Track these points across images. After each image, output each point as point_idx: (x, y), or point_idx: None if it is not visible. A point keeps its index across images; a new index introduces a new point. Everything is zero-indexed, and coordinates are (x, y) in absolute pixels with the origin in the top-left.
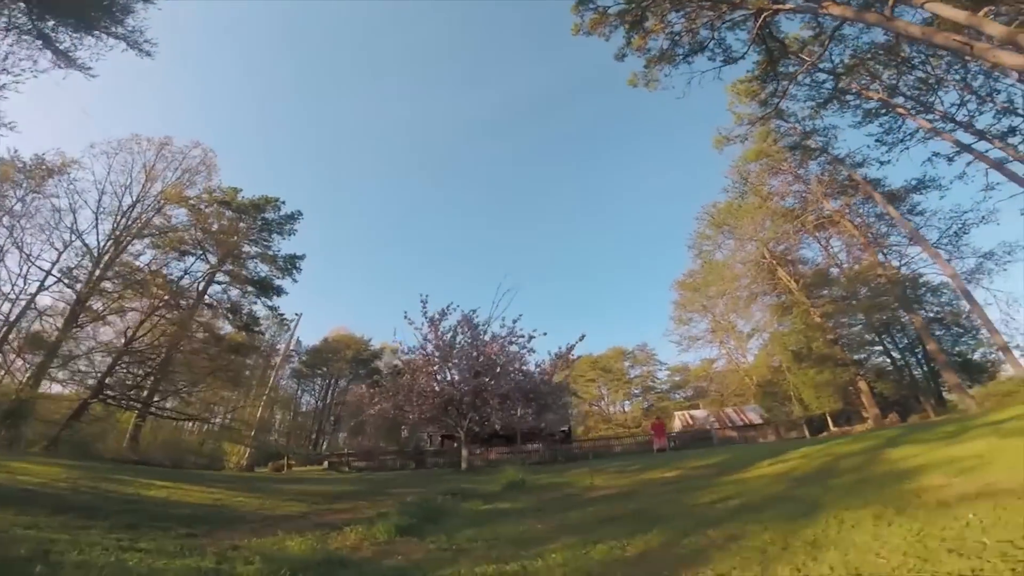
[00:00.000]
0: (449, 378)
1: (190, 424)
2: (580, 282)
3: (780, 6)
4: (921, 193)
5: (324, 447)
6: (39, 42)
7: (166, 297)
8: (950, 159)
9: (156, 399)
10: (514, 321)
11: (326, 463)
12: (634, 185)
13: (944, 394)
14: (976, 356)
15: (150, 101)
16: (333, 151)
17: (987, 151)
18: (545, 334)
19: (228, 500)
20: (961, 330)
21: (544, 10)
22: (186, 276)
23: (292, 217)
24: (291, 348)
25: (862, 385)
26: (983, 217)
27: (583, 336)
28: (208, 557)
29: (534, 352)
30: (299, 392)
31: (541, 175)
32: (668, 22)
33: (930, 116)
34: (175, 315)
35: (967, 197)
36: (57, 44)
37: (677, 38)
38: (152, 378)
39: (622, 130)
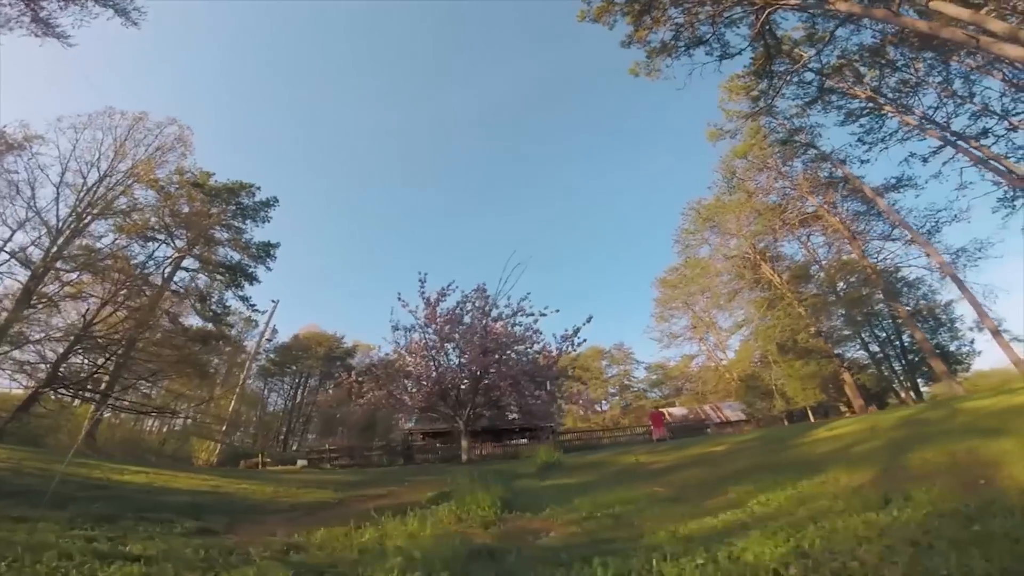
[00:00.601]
0: (446, 363)
1: (151, 423)
2: (560, 279)
3: (786, 2)
4: (899, 191)
5: (294, 447)
6: (21, 4)
7: (128, 282)
8: (925, 160)
9: (116, 391)
10: (521, 300)
11: (305, 461)
12: (622, 183)
13: (921, 386)
14: (952, 347)
15: (126, 81)
16: (320, 150)
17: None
18: (557, 311)
19: (229, 487)
20: (936, 322)
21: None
22: (150, 261)
23: (267, 203)
24: (267, 336)
25: (846, 377)
26: (955, 216)
27: (590, 318)
28: (272, 567)
29: (540, 333)
30: (266, 391)
31: (530, 172)
32: (669, 16)
33: (909, 117)
34: (138, 301)
35: (941, 196)
36: (38, 8)
37: (680, 30)
38: (111, 367)
39: (615, 125)
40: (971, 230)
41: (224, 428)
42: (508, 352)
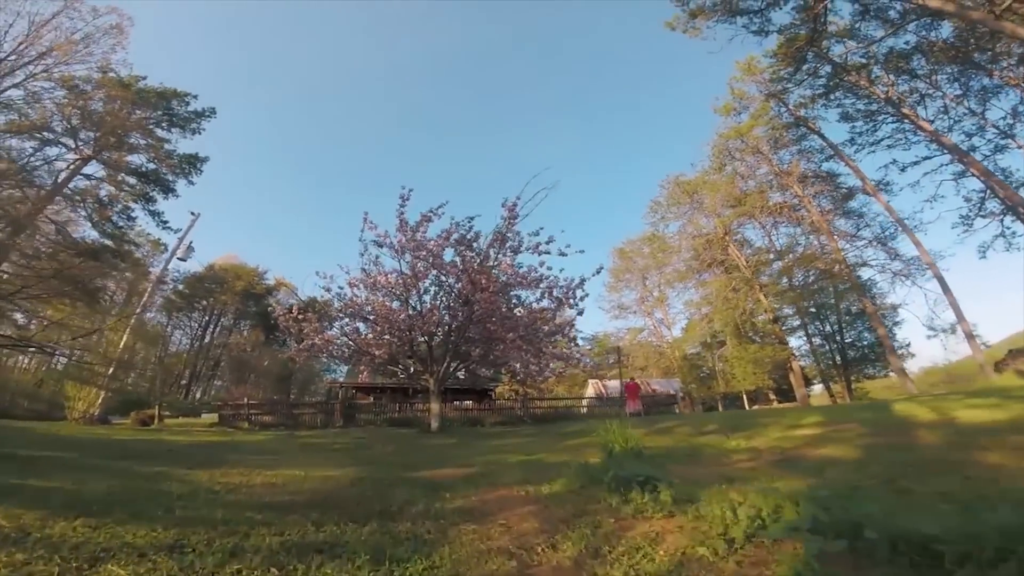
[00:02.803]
0: (419, 305)
1: (27, 360)
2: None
3: None
4: (872, 195)
5: (198, 395)
6: None
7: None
8: (903, 168)
9: None
10: (532, 234)
11: (215, 416)
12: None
13: (853, 382)
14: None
15: None
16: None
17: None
18: (582, 251)
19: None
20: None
21: None
22: (41, 163)
23: (201, 114)
24: (180, 255)
25: (794, 365)
26: (916, 226)
27: (600, 268)
28: None
29: (551, 276)
30: (169, 328)
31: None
32: None
33: (923, 123)
34: (18, 208)
35: (908, 205)
36: None
37: None
38: None
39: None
40: (924, 241)
41: (111, 370)
42: (512, 296)
